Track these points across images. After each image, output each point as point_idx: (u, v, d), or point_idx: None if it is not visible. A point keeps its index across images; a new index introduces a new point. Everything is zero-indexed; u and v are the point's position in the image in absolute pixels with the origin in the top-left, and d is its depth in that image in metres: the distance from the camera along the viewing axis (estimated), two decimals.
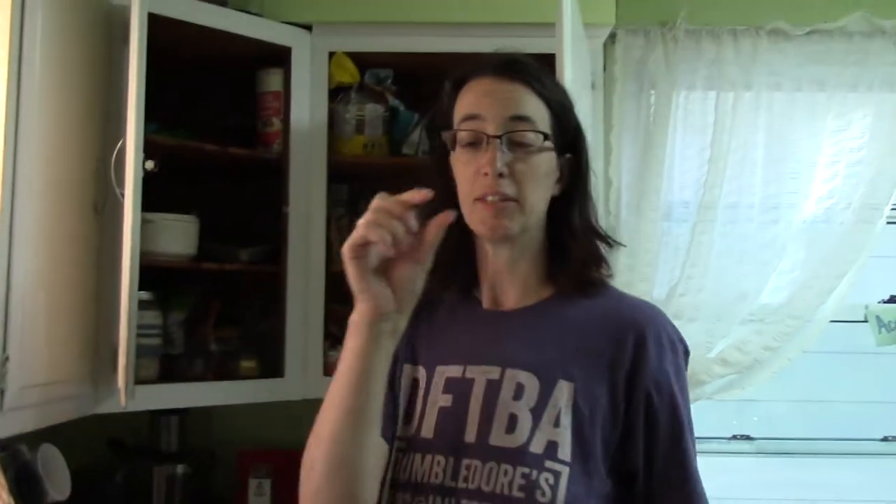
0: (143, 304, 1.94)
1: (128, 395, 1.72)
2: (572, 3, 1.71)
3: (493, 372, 1.14)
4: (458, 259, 1.21)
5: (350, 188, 2.38)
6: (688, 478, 1.13)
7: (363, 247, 0.99)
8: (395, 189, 2.59)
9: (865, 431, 2.75)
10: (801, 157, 2.46)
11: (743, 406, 2.86)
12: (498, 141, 1.12)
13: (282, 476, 2.33)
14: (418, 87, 2.35)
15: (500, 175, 1.11)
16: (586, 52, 1.77)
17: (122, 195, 1.71)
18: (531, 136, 1.14)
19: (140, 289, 1.85)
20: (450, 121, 1.19)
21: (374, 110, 2.26)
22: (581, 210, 1.22)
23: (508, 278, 1.21)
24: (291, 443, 2.43)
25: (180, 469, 2.21)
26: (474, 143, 1.15)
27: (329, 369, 2.20)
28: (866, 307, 2.57)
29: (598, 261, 1.21)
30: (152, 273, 1.97)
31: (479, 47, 2.13)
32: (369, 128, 2.26)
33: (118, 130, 1.78)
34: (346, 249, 1.00)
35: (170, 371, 2.09)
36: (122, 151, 1.72)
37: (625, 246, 2.24)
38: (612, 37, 2.45)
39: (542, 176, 1.16)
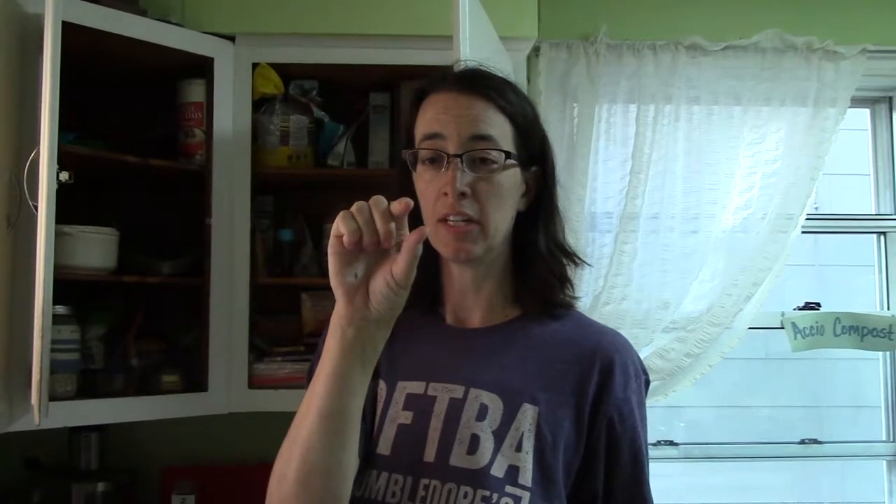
0: (59, 319, 1.89)
1: (42, 413, 1.67)
2: (469, 16, 1.73)
3: (457, 390, 1.12)
4: (421, 275, 1.15)
5: (275, 200, 2.36)
6: None
7: (339, 239, 0.94)
8: (321, 201, 2.56)
9: (784, 435, 2.83)
10: (719, 168, 2.51)
11: (669, 412, 2.92)
12: (458, 160, 1.09)
13: (206, 492, 2.29)
14: (344, 98, 2.35)
15: (462, 195, 1.09)
16: (507, 65, 1.79)
17: (36, 207, 1.67)
18: (493, 155, 1.11)
19: (58, 303, 1.82)
20: (411, 135, 1.17)
21: (298, 121, 2.25)
22: (547, 226, 1.20)
23: (473, 297, 1.19)
24: (216, 458, 2.42)
25: (101, 487, 2.16)
26: (435, 160, 1.12)
27: (254, 382, 2.17)
28: (782, 314, 2.65)
29: (564, 281, 1.20)
30: (71, 287, 1.93)
31: (406, 59, 2.18)
32: (294, 139, 2.24)
33: (33, 141, 1.73)
34: (329, 244, 0.96)
35: (89, 387, 2.03)
36: (35, 162, 1.67)
37: (591, 265, 2.24)
38: (536, 50, 2.49)
39: (505, 194, 1.13)
